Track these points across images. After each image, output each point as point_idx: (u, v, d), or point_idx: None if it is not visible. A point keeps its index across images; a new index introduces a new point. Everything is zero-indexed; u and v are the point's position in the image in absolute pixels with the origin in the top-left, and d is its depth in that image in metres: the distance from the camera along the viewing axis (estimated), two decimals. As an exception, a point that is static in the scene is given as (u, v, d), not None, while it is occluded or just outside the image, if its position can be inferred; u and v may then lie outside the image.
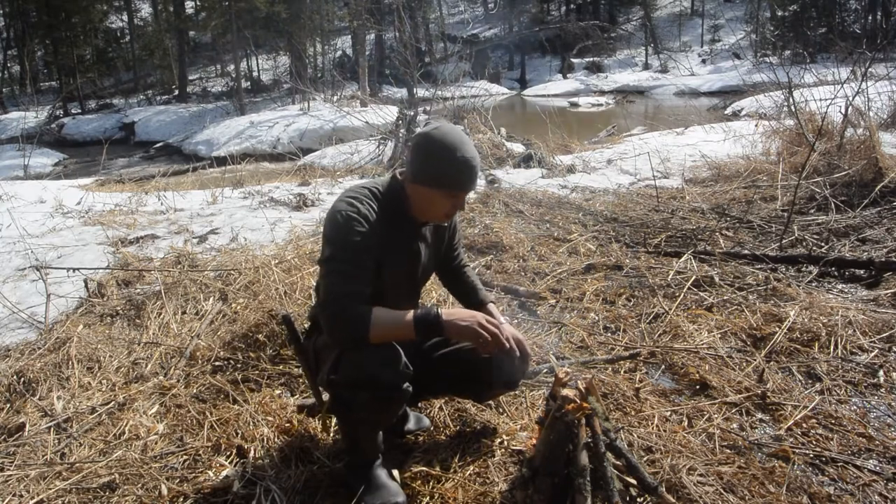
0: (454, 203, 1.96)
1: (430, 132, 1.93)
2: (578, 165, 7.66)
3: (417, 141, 1.95)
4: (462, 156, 1.89)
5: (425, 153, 1.92)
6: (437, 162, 1.90)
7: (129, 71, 27.72)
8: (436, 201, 1.94)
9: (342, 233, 1.86)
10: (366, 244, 1.85)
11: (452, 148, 1.88)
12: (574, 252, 4.35)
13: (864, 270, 3.73)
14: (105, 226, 5.29)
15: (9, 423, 2.52)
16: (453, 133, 1.92)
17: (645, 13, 31.35)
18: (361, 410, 1.88)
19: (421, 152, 1.93)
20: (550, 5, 35.94)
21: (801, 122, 6.66)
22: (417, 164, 1.93)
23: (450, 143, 1.89)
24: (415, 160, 1.94)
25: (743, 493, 1.98)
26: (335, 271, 1.84)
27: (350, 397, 1.87)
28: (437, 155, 1.89)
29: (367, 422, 1.96)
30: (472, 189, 1.98)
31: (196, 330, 3.22)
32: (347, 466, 2.09)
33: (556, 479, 1.83)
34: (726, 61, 26.26)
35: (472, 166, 1.91)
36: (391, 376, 1.83)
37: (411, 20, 15.73)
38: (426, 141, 1.92)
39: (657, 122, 12.62)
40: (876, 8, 26.25)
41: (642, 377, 2.73)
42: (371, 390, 1.82)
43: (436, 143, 1.90)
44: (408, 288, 2.10)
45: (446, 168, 1.89)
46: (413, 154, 1.95)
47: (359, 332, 1.78)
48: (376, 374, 1.81)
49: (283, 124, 15.32)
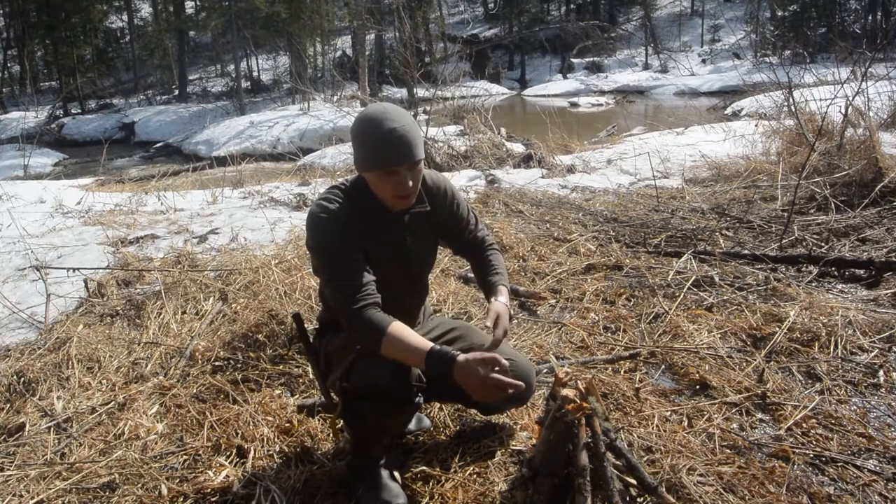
0: (396, 181, 1.83)
1: (354, 119, 1.88)
2: (578, 165, 7.66)
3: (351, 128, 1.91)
4: (380, 129, 1.78)
5: (353, 138, 1.87)
6: (360, 144, 1.83)
7: (129, 71, 27.74)
8: (378, 185, 1.86)
9: (320, 238, 1.85)
10: (345, 241, 1.83)
11: (371, 125, 1.80)
12: (574, 252, 4.35)
13: (864, 270, 3.73)
14: (105, 226, 5.29)
15: (9, 423, 2.52)
16: (374, 110, 1.83)
17: (645, 13, 31.34)
18: (372, 419, 1.89)
19: (351, 142, 1.88)
20: (550, 5, 35.93)
21: (801, 122, 6.66)
22: (354, 157, 1.89)
23: (368, 121, 1.81)
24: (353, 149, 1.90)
25: (743, 493, 1.98)
26: (330, 281, 1.84)
27: (361, 406, 1.87)
28: (360, 137, 1.83)
29: (377, 430, 1.96)
30: (403, 162, 1.81)
31: (196, 330, 3.22)
32: (349, 466, 2.09)
33: (556, 479, 1.83)
34: (726, 61, 26.25)
35: (392, 139, 1.78)
36: (402, 389, 1.83)
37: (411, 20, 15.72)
38: (352, 126, 1.87)
39: (657, 122, 12.62)
40: (876, 8, 26.26)
41: (642, 377, 2.73)
42: (382, 401, 1.83)
43: (357, 125, 1.84)
44: (405, 281, 2.05)
45: (369, 147, 1.81)
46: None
47: (371, 342, 1.78)
48: (388, 386, 1.81)
49: (283, 124, 15.33)
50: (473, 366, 1.67)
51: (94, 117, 21.16)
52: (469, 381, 1.68)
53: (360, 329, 1.78)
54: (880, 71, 9.05)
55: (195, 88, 26.37)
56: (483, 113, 10.15)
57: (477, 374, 1.67)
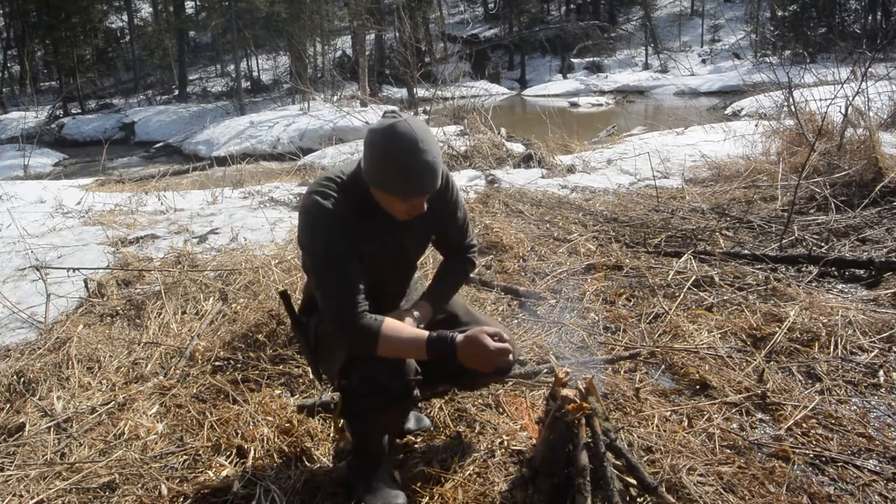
0: (410, 205, 1.80)
1: (377, 130, 1.74)
2: (578, 165, 7.66)
3: (366, 139, 1.77)
4: (412, 159, 1.70)
5: (371, 156, 1.76)
6: (384, 165, 1.74)
7: (129, 71, 27.73)
8: (387, 202, 1.82)
9: (315, 240, 1.81)
10: (341, 245, 1.79)
11: (401, 151, 1.70)
12: (574, 252, 4.35)
13: (864, 270, 3.73)
14: (105, 226, 5.29)
15: (9, 423, 2.52)
16: (405, 132, 1.71)
17: (645, 13, 31.33)
18: (372, 416, 1.90)
19: (368, 153, 1.77)
20: (550, 5, 35.92)
21: (801, 122, 6.66)
22: (366, 166, 1.79)
23: (398, 145, 1.70)
24: (364, 161, 1.80)
25: (743, 493, 1.98)
26: (323, 284, 1.82)
27: (360, 403, 1.88)
28: (385, 158, 1.73)
29: (377, 426, 1.97)
30: (427, 193, 1.79)
31: (196, 330, 3.22)
32: (349, 466, 2.09)
33: (556, 479, 1.83)
34: (726, 61, 26.24)
35: (421, 171, 1.72)
36: (401, 385, 1.83)
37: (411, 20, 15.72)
38: (372, 142, 1.75)
39: (657, 122, 12.62)
40: (876, 8, 26.25)
41: (642, 377, 2.73)
42: (381, 397, 1.83)
43: (383, 143, 1.72)
44: (396, 269, 2.04)
45: (394, 173, 1.73)
46: (364, 153, 1.80)
47: (365, 349, 1.78)
48: (386, 382, 1.81)
49: (283, 124, 15.33)
50: (478, 340, 1.73)
51: (94, 117, 21.16)
52: (477, 354, 1.73)
53: (352, 337, 1.79)
54: (880, 71, 9.05)
55: (195, 88, 26.37)
56: (483, 113, 10.15)
57: (484, 347, 1.71)
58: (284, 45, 24.15)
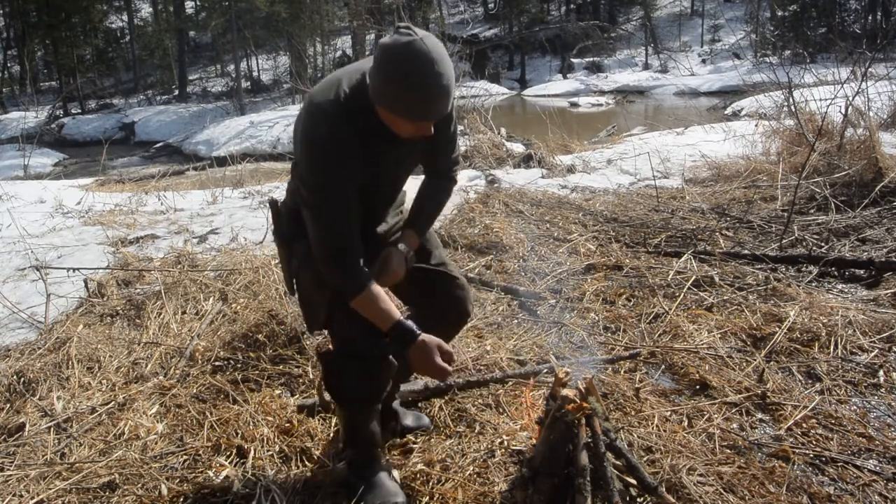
0: (417, 127, 1.70)
1: (391, 47, 1.59)
2: (578, 165, 7.66)
3: (378, 55, 1.63)
4: (426, 79, 1.58)
5: (381, 74, 1.63)
6: (395, 83, 1.61)
7: (129, 71, 27.71)
8: (394, 122, 1.71)
9: (319, 175, 1.72)
10: (346, 180, 1.73)
11: (416, 69, 1.57)
12: (574, 252, 4.35)
13: (864, 270, 3.73)
14: (105, 226, 5.29)
15: (9, 423, 2.52)
16: (421, 49, 1.57)
17: (645, 13, 31.33)
18: (351, 384, 1.93)
19: (378, 71, 1.63)
20: (550, 5, 35.91)
21: (801, 122, 6.66)
22: (375, 84, 1.66)
23: (412, 63, 1.57)
24: (373, 78, 1.67)
25: (743, 493, 1.98)
26: (319, 223, 1.77)
27: (340, 368, 1.93)
28: (396, 76, 1.60)
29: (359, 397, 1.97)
30: (439, 116, 1.68)
31: (196, 330, 3.22)
32: (349, 465, 2.09)
33: (556, 479, 1.84)
34: (726, 61, 26.22)
35: (435, 93, 1.60)
36: (375, 347, 1.88)
37: (411, 20, 15.73)
38: (384, 60, 1.61)
39: (657, 122, 12.61)
40: (876, 8, 26.24)
41: (642, 377, 2.73)
42: (358, 360, 1.89)
43: (393, 65, 1.59)
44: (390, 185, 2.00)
45: (406, 94, 1.61)
46: (372, 69, 1.66)
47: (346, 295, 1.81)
48: (364, 344, 1.87)
49: (283, 124, 15.31)
50: (429, 351, 1.80)
51: (94, 117, 21.15)
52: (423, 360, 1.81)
53: (339, 279, 1.81)
54: (880, 71, 9.04)
55: (195, 88, 26.36)
56: (483, 113, 10.15)
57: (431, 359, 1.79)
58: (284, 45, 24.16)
